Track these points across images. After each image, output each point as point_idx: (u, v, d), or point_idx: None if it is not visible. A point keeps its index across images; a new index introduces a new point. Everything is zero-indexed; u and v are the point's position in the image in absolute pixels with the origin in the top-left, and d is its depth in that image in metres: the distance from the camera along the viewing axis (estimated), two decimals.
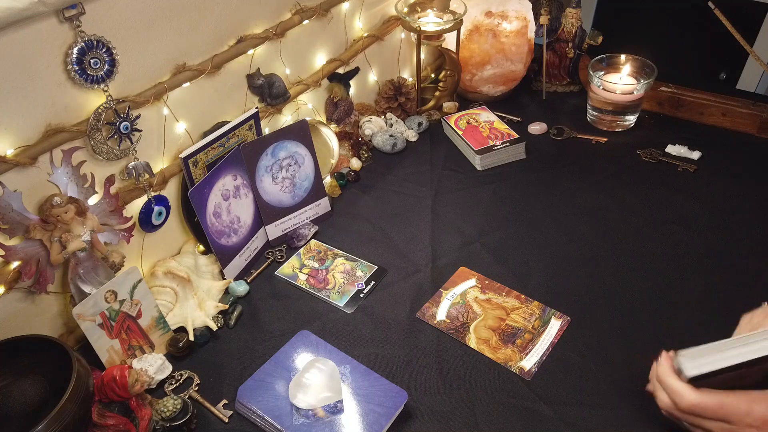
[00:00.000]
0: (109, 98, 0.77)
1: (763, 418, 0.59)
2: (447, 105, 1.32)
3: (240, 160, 0.94)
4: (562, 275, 0.93)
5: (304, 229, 1.03)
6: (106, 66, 0.75)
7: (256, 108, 0.99)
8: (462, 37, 1.29)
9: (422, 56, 1.29)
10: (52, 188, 0.74)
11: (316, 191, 1.05)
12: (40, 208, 0.74)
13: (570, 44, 1.34)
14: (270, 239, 1.02)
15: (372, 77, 1.30)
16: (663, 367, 0.66)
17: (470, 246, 0.99)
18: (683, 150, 1.17)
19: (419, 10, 1.27)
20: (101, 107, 0.76)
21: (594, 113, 1.27)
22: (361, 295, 0.92)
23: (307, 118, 1.06)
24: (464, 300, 0.89)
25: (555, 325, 0.85)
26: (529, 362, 0.80)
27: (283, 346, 0.82)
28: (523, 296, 0.89)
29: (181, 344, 0.83)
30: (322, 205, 1.06)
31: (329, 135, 1.12)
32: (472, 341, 0.83)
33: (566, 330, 0.84)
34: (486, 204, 1.08)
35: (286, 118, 1.10)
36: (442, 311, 0.88)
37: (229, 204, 0.94)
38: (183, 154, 0.87)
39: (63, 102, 0.74)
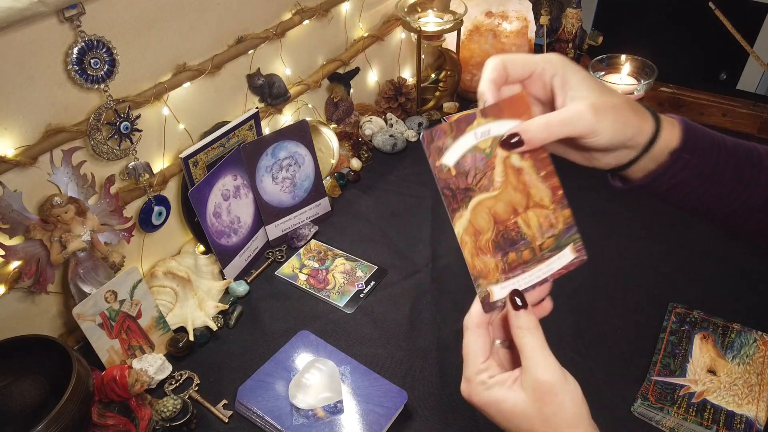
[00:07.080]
0: (109, 98, 0.77)
1: None
2: (447, 105, 1.32)
3: (240, 160, 0.94)
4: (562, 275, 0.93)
5: (304, 229, 1.03)
6: (106, 66, 0.75)
7: (256, 108, 0.99)
8: (462, 37, 1.29)
9: (422, 56, 1.29)
10: (52, 188, 0.74)
11: (316, 191, 1.05)
12: (40, 208, 0.74)
13: (570, 44, 1.34)
14: (270, 239, 1.02)
15: (372, 77, 1.30)
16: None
17: None
18: None
19: (419, 10, 1.27)
20: (101, 107, 0.76)
21: None
22: (361, 296, 0.92)
23: (308, 119, 1.06)
24: (492, 151, 0.54)
25: (564, 257, 0.60)
26: (501, 291, 0.56)
27: (283, 346, 0.82)
28: (560, 193, 0.58)
29: (181, 344, 0.83)
30: (322, 205, 1.06)
31: (329, 135, 1.12)
32: (460, 224, 0.54)
33: (566, 318, 0.83)
34: None
35: (287, 118, 1.10)
36: (455, 151, 0.53)
37: (229, 204, 0.94)
38: (183, 154, 0.87)
39: (63, 102, 0.74)
